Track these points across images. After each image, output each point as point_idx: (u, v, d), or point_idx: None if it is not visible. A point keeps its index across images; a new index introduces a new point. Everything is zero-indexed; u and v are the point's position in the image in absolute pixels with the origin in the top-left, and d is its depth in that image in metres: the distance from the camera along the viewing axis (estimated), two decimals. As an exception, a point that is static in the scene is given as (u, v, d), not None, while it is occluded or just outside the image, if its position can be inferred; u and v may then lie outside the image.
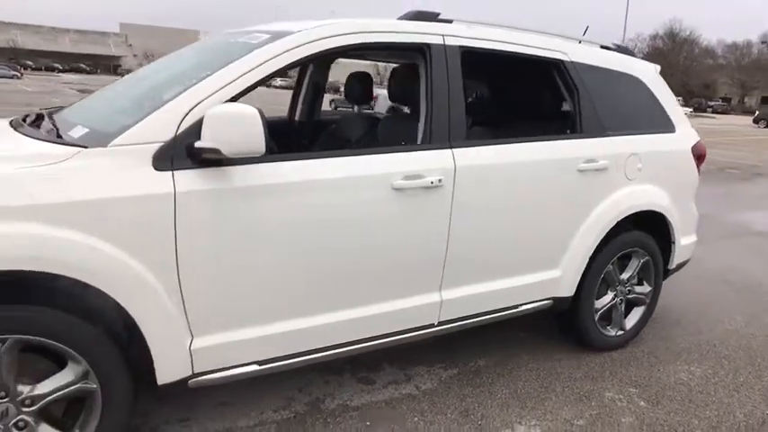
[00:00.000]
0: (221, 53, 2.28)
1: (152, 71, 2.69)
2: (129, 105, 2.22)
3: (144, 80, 2.56)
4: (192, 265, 1.92)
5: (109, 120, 2.07)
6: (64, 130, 2.01)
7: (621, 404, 2.73)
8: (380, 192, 2.24)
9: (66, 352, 1.79)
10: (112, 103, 2.42)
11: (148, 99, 2.13)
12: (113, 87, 2.71)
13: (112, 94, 2.59)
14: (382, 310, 2.38)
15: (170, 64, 2.61)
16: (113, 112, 2.21)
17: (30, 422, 1.80)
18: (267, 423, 2.41)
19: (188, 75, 2.19)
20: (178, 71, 2.37)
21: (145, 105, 2.03)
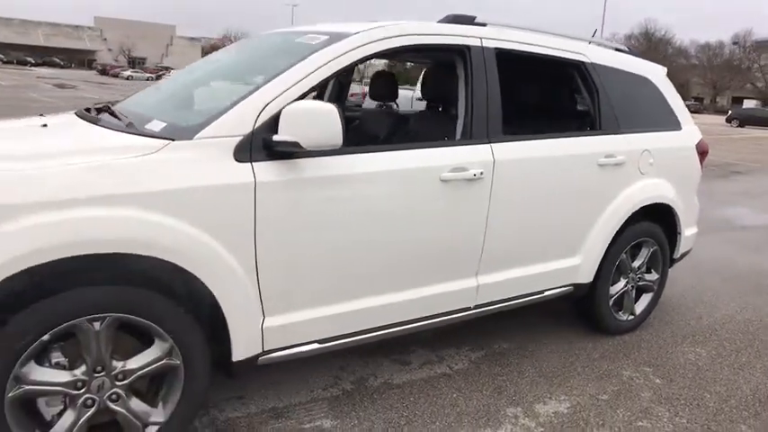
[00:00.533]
0: (282, 53, 2.43)
1: (206, 68, 2.82)
2: (198, 100, 2.36)
3: (201, 76, 2.69)
4: (268, 249, 2.07)
5: (183, 114, 2.21)
6: (141, 124, 2.14)
7: (639, 381, 2.96)
8: (430, 183, 2.42)
9: (154, 330, 1.93)
10: (178, 98, 2.55)
11: (217, 95, 2.27)
12: (169, 82, 2.83)
13: (171, 89, 2.72)
14: (428, 293, 2.56)
15: (224, 62, 2.74)
16: (184, 107, 2.35)
17: (122, 395, 1.94)
18: (319, 400, 2.58)
19: (249, 73, 2.34)
20: (238, 69, 2.51)
21: (217, 101, 2.18)
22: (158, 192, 1.85)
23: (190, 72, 2.92)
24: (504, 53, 2.77)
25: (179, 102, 2.50)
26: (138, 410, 1.98)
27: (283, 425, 2.37)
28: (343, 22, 2.70)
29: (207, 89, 2.47)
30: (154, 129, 2.09)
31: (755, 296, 4.37)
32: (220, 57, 2.83)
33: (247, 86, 2.21)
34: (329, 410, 2.50)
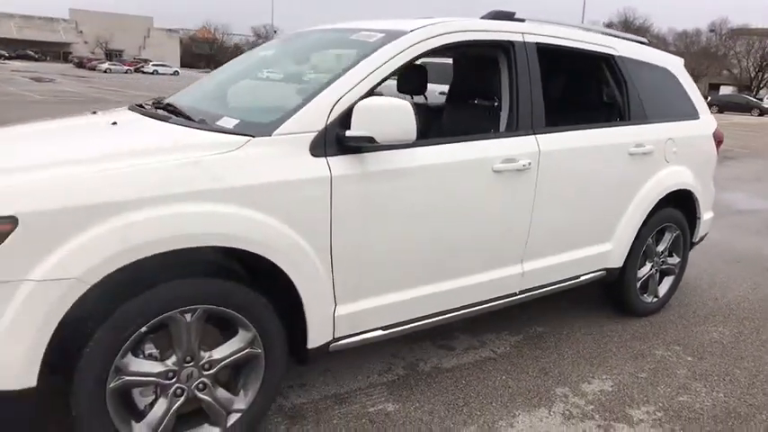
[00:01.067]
0: (339, 50, 2.49)
1: (256, 64, 2.87)
2: (262, 97, 2.41)
3: (253, 72, 2.74)
4: (341, 239, 2.15)
5: (253, 111, 2.27)
6: (213, 120, 2.20)
7: (672, 359, 3.10)
8: (484, 174, 2.52)
9: (239, 320, 2.01)
10: (239, 94, 2.61)
11: (281, 91, 2.33)
12: (218, 78, 2.88)
13: (225, 84, 2.77)
14: (480, 279, 2.66)
15: (275, 58, 2.79)
16: (251, 104, 2.40)
17: (208, 384, 2.01)
18: (377, 385, 2.67)
19: (308, 69, 2.40)
20: (294, 65, 2.57)
21: (284, 97, 2.24)
22: (246, 187, 1.92)
23: (239, 67, 2.96)
24: (542, 47, 2.87)
25: (243, 98, 2.55)
26: (223, 399, 2.06)
27: (348, 410, 2.46)
28: (381, 19, 2.78)
29: (267, 85, 2.52)
30: (227, 125, 2.14)
31: (764, 277, 4.56)
32: (268, 53, 2.88)
33: (310, 83, 2.28)
34: (389, 395, 2.60)
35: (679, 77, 3.69)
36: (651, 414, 2.57)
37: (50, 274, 1.63)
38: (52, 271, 1.63)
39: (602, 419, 2.51)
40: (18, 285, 1.62)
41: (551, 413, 2.53)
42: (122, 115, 2.48)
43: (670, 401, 2.69)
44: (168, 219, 1.77)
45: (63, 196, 1.66)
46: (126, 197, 1.73)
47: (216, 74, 3.03)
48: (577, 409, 2.57)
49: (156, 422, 1.93)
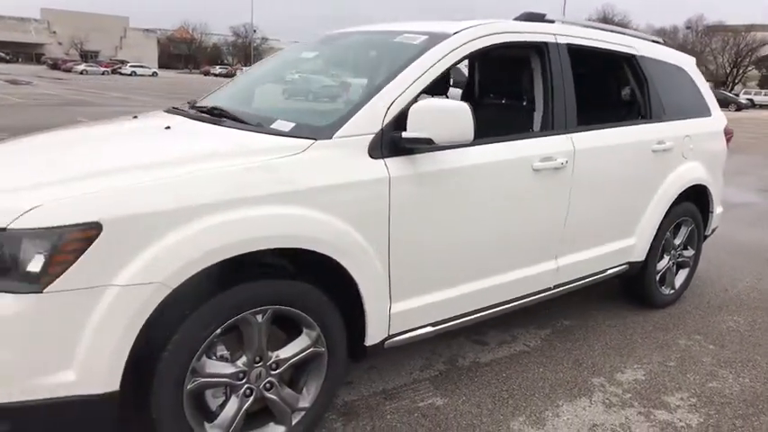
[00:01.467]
0: (384, 53, 2.54)
1: (296, 66, 2.90)
2: (314, 99, 2.45)
3: (296, 74, 2.78)
4: (398, 239, 2.20)
5: (309, 113, 2.31)
6: (267, 123, 2.23)
7: (696, 348, 3.21)
8: (525, 172, 2.59)
9: (304, 320, 2.05)
10: (289, 96, 2.64)
11: (330, 93, 2.37)
12: (260, 80, 2.91)
13: (267, 87, 2.80)
14: (520, 275, 2.74)
15: (316, 61, 2.83)
16: (304, 106, 2.44)
17: (275, 383, 2.04)
18: (422, 380, 2.73)
19: (354, 71, 2.45)
20: (338, 68, 2.61)
21: (336, 100, 2.29)
22: (312, 189, 1.96)
23: (277, 69, 2.99)
24: (572, 48, 2.95)
25: (292, 101, 2.59)
26: (288, 397, 2.10)
27: (399, 405, 2.52)
28: (418, 21, 2.83)
29: (315, 87, 2.56)
30: (283, 128, 2.18)
31: (767, 268, 4.72)
32: (310, 55, 2.92)
33: (360, 86, 2.32)
34: (435, 389, 2.65)
35: (692, 76, 3.80)
36: (686, 400, 2.67)
37: (134, 278, 1.65)
38: (136, 276, 1.65)
39: (641, 407, 2.60)
40: (103, 291, 1.64)
41: (592, 402, 2.62)
42: (168, 119, 2.49)
43: (701, 388, 2.79)
44: (244, 222, 1.81)
45: (144, 202, 1.68)
46: (203, 201, 1.76)
47: (252, 75, 3.05)
48: (616, 398, 2.66)
49: (228, 422, 1.96)
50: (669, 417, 2.53)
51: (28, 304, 1.59)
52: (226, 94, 2.92)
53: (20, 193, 1.67)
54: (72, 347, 1.64)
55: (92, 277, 1.62)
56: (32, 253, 1.59)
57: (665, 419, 2.51)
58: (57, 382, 1.64)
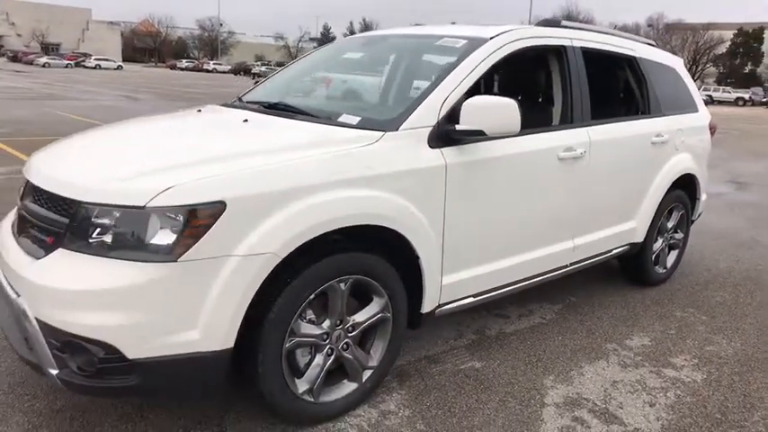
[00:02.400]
0: (428, 54, 2.84)
1: (343, 65, 3.18)
2: (370, 95, 2.73)
3: (345, 72, 3.06)
4: (450, 218, 2.51)
5: (372, 108, 2.60)
6: (335, 117, 2.51)
7: (691, 319, 3.62)
8: (552, 161, 2.93)
9: (376, 288, 2.34)
10: (345, 92, 2.91)
11: (389, 91, 2.67)
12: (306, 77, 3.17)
13: (317, 83, 3.07)
14: (545, 252, 3.08)
15: (365, 60, 3.12)
16: (364, 102, 2.72)
17: (351, 344, 2.33)
18: (457, 348, 3.05)
19: (403, 71, 2.74)
20: (386, 67, 2.90)
21: (393, 96, 2.58)
22: (387, 174, 2.25)
23: (322, 67, 3.26)
24: (585, 50, 3.30)
25: (351, 96, 2.86)
26: (361, 357, 2.39)
27: (443, 368, 2.83)
28: (447, 25, 3.14)
29: (369, 85, 2.84)
30: (351, 122, 2.46)
31: (743, 250, 5.21)
32: (355, 56, 3.19)
33: (413, 84, 2.62)
34: (471, 355, 2.98)
35: (682, 75, 4.21)
36: (689, 361, 3.06)
37: (252, 249, 1.92)
38: (253, 247, 1.92)
39: (652, 366, 2.97)
40: (226, 260, 1.90)
41: (609, 363, 2.98)
42: (237, 113, 2.74)
43: (700, 351, 3.19)
44: (337, 202, 2.09)
45: (260, 183, 1.95)
46: (307, 183, 2.03)
47: (293, 73, 3.31)
48: (629, 360, 3.03)
49: (314, 378, 2.24)
50: (677, 374, 2.91)
51: (164, 272, 1.84)
52: (274, 90, 3.17)
53: (153, 176, 1.92)
54: (198, 310, 1.90)
55: (217, 248, 1.88)
56: (168, 227, 1.84)
57: (674, 376, 2.89)
58: (183, 340, 1.90)
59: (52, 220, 2.03)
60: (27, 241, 2.14)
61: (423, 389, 2.63)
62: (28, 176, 2.25)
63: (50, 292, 1.90)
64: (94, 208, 1.91)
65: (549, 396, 2.64)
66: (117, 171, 2.01)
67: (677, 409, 2.60)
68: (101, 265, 1.87)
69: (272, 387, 2.11)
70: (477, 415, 2.45)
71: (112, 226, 1.89)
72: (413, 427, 2.34)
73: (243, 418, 2.33)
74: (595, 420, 2.47)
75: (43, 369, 2.00)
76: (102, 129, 2.86)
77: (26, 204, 2.21)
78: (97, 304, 1.85)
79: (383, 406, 2.48)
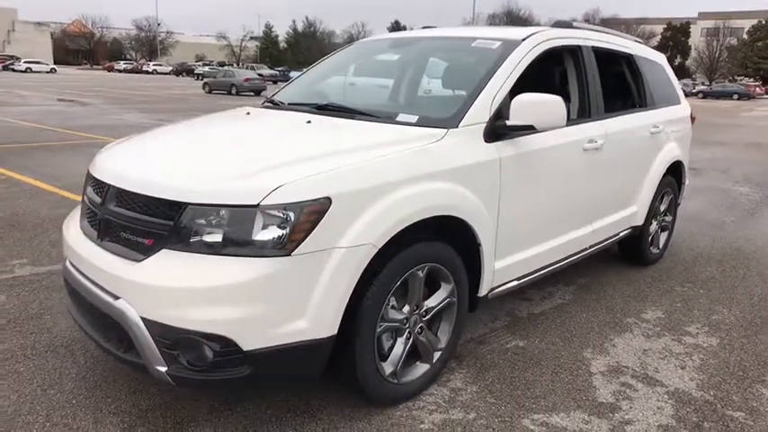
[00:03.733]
0: (467, 56, 3.04)
1: (383, 66, 3.32)
2: (421, 94, 2.90)
3: (387, 73, 3.21)
4: (504, 206, 2.72)
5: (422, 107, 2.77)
6: (393, 117, 2.67)
7: (691, 293, 3.98)
8: (579, 152, 3.19)
9: (444, 275, 2.52)
10: (396, 92, 3.07)
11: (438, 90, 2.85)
12: (341, 78, 3.30)
13: (357, 84, 3.21)
14: (572, 236, 3.34)
15: (404, 61, 3.28)
16: (415, 100, 2.89)
17: (425, 328, 2.51)
18: (497, 329, 3.27)
19: (446, 71, 2.93)
20: (428, 67, 3.08)
21: (444, 94, 2.76)
22: (454, 168, 2.44)
23: (359, 68, 3.41)
24: (595, 49, 3.58)
25: (400, 96, 3.02)
26: (432, 340, 2.56)
27: (491, 347, 3.04)
28: (476, 27, 3.34)
29: (414, 84, 3.01)
30: (409, 120, 2.63)
31: (715, 230, 5.69)
32: (393, 57, 3.35)
33: (459, 84, 2.81)
34: (511, 335, 3.20)
35: (666, 69, 4.59)
36: (701, 328, 3.39)
37: (354, 241, 2.06)
38: (356, 239, 2.06)
39: (672, 335, 3.29)
40: (331, 252, 2.03)
41: (635, 335, 3.27)
42: (294, 115, 2.86)
43: (708, 320, 3.53)
44: (420, 194, 2.26)
45: (358, 179, 2.10)
46: (396, 179, 2.19)
47: (324, 74, 3.44)
48: (650, 331, 3.33)
49: (396, 360, 2.40)
50: (695, 340, 3.23)
51: (278, 266, 1.96)
52: (310, 92, 3.29)
53: (259, 176, 2.02)
54: (306, 300, 2.02)
55: (324, 242, 2.02)
56: (280, 224, 1.96)
57: (693, 342, 3.21)
58: (293, 329, 2.02)
59: (150, 222, 2.10)
60: (115, 245, 2.20)
61: (480, 367, 2.83)
62: (110, 181, 2.29)
63: (162, 291, 1.98)
64: (203, 209, 2.00)
65: (593, 366, 2.89)
66: (220, 173, 2.10)
67: (705, 369, 2.90)
68: (213, 263, 1.97)
69: (366, 370, 2.25)
70: (537, 386, 2.67)
71: (223, 225, 1.99)
72: (484, 400, 2.54)
73: (327, 404, 2.46)
74: (640, 384, 2.73)
75: (148, 367, 2.08)
76: (165, 130, 2.92)
77: (110, 209, 2.25)
78: (214, 300, 1.95)
79: (450, 384, 2.67)
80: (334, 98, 3.08)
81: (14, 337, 2.97)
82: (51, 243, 4.48)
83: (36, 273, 3.86)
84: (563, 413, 2.47)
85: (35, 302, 3.40)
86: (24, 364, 2.70)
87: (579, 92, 3.43)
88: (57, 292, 3.53)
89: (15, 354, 2.80)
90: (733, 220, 6.16)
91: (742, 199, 7.34)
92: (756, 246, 5.17)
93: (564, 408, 2.51)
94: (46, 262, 4.08)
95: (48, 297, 3.48)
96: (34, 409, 2.37)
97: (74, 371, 2.66)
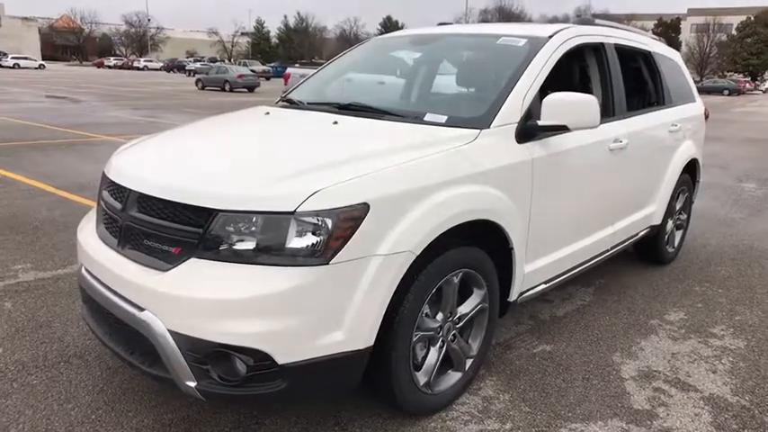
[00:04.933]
0: (492, 54, 2.96)
1: (406, 64, 3.23)
2: (447, 93, 2.81)
3: (413, 72, 3.13)
4: (535, 209, 2.64)
5: (451, 106, 2.69)
6: (421, 117, 2.58)
7: (710, 293, 3.93)
8: (605, 151, 3.11)
9: (477, 280, 2.44)
10: (423, 91, 2.98)
11: (462, 89, 2.76)
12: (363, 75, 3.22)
13: (380, 83, 3.11)
14: (596, 238, 3.27)
15: (428, 59, 3.20)
16: (441, 99, 2.80)
17: (457, 336, 2.42)
18: (522, 333, 3.19)
19: (470, 70, 2.85)
20: (453, 66, 2.99)
21: (472, 93, 2.68)
22: (490, 170, 2.35)
23: (380, 66, 3.31)
24: (617, 46, 3.50)
25: (425, 95, 2.93)
26: (464, 347, 2.48)
27: (518, 353, 2.97)
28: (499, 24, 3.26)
29: (442, 83, 2.92)
30: (438, 120, 2.54)
31: (725, 227, 5.65)
32: (415, 55, 3.25)
33: (487, 82, 2.72)
34: (537, 339, 3.13)
35: (681, 67, 4.52)
36: (726, 330, 3.34)
37: (393, 248, 1.97)
38: (394, 246, 1.97)
39: (698, 337, 3.23)
40: (370, 260, 1.94)
41: (661, 338, 3.21)
42: (318, 115, 2.76)
43: (731, 321, 3.48)
44: (457, 198, 2.17)
45: (395, 184, 2.00)
46: (433, 182, 2.10)
47: (341, 71, 3.34)
48: (675, 333, 3.27)
49: (430, 369, 2.32)
50: (722, 343, 3.17)
51: (316, 275, 1.87)
52: (329, 90, 3.19)
53: (294, 181, 1.93)
54: (344, 310, 1.93)
55: (363, 249, 1.92)
56: (317, 231, 1.87)
57: (720, 345, 3.15)
58: (330, 341, 1.93)
59: (176, 229, 2.00)
60: (138, 253, 2.10)
61: (510, 374, 2.75)
62: (131, 186, 2.18)
63: (192, 302, 1.88)
64: (235, 215, 1.90)
65: (623, 371, 2.82)
66: (252, 178, 2.00)
67: (736, 373, 2.85)
68: (247, 273, 1.87)
69: (401, 382, 2.17)
70: (570, 394, 2.60)
71: (256, 232, 1.89)
72: (519, 410, 2.46)
73: (359, 416, 2.37)
74: (674, 389, 2.67)
75: (176, 382, 1.98)
76: (182, 131, 2.81)
77: (132, 215, 2.15)
78: (248, 312, 1.85)
79: (482, 392, 2.59)
80: (357, 97, 2.97)
81: (24, 347, 2.86)
82: (54, 246, 4.36)
83: (41, 278, 3.74)
84: (600, 422, 2.40)
85: (43, 309, 3.28)
86: (37, 377, 2.59)
87: (603, 90, 3.35)
88: (64, 298, 3.42)
89: (27, 365, 2.69)
90: (741, 216, 6.13)
91: (746, 195, 7.32)
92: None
93: (600, 416, 2.44)
94: (50, 266, 3.95)
95: (55, 303, 3.36)
96: (52, 425, 2.26)
97: (90, 383, 2.55)
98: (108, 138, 10.38)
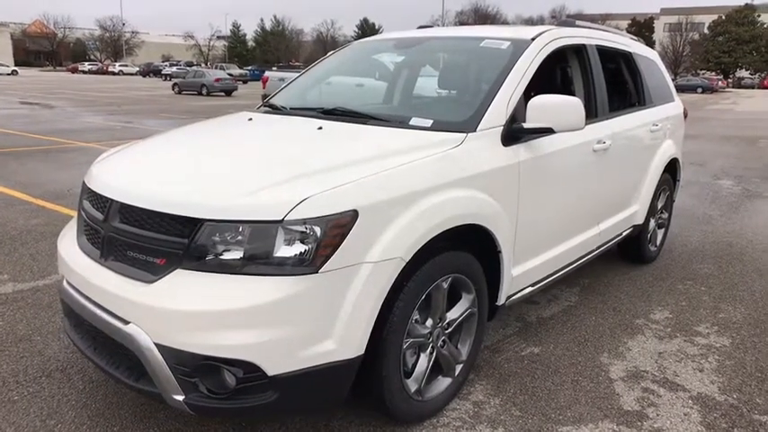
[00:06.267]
0: (475, 57, 2.95)
1: (388, 68, 3.21)
2: (429, 97, 2.79)
3: (396, 75, 3.10)
4: (522, 212, 2.64)
5: (433, 110, 2.67)
6: (406, 121, 2.56)
7: (693, 290, 3.97)
8: (589, 153, 3.13)
9: (466, 285, 2.43)
10: (407, 95, 2.95)
11: (444, 92, 2.74)
12: (345, 79, 3.18)
13: (363, 86, 3.09)
14: (582, 239, 3.28)
15: (411, 63, 3.18)
16: (424, 103, 2.78)
17: (447, 341, 2.41)
18: (509, 336, 3.19)
19: (453, 72, 2.84)
20: (436, 69, 2.97)
21: (455, 98, 2.67)
22: (477, 174, 2.34)
23: (358, 69, 3.29)
24: (598, 48, 3.53)
25: (408, 99, 2.91)
26: (453, 352, 2.47)
27: (507, 356, 2.96)
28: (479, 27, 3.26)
29: (425, 86, 2.90)
30: (423, 124, 2.52)
31: (706, 225, 5.73)
32: (398, 59, 3.23)
33: (472, 85, 2.72)
34: (524, 342, 3.13)
35: (660, 67, 4.58)
36: (710, 328, 3.38)
37: (383, 255, 1.95)
38: (384, 252, 1.95)
39: (683, 336, 3.26)
40: (359, 268, 1.92)
41: (647, 337, 3.23)
42: (301, 120, 2.72)
43: (715, 318, 3.52)
44: (446, 203, 2.16)
45: (385, 189, 1.98)
46: (421, 187, 2.08)
47: (324, 75, 3.30)
48: (661, 332, 3.30)
49: (420, 376, 2.30)
50: (707, 341, 3.21)
51: (305, 284, 1.84)
52: (312, 95, 3.15)
53: (280, 189, 1.89)
54: (334, 319, 1.90)
55: (352, 256, 1.90)
56: (306, 239, 1.84)
57: (706, 343, 3.18)
58: (320, 351, 1.90)
59: (161, 240, 1.95)
60: (121, 265, 2.05)
61: (499, 377, 2.75)
62: (113, 196, 2.13)
63: (178, 315, 1.84)
64: (221, 225, 1.87)
65: (611, 372, 2.84)
66: (237, 186, 1.96)
67: (723, 371, 2.88)
68: (234, 283, 1.84)
69: (392, 390, 2.15)
70: (560, 396, 2.60)
71: (243, 242, 1.86)
72: (510, 414, 2.46)
73: (348, 424, 2.34)
74: (662, 389, 2.69)
75: (164, 396, 1.94)
76: (164, 138, 2.75)
77: (114, 226, 2.09)
78: (236, 323, 1.82)
79: (472, 397, 2.58)
80: (341, 102, 2.95)
81: (3, 361, 2.77)
82: (32, 256, 4.25)
83: (19, 290, 3.64)
84: (591, 424, 2.41)
85: (22, 322, 3.19)
86: (18, 392, 2.52)
87: (586, 92, 3.37)
88: (44, 311, 3.33)
89: (6, 380, 2.61)
90: (719, 214, 6.23)
91: (723, 192, 7.45)
92: (747, 240, 5.22)
93: (591, 418, 2.45)
94: (28, 277, 3.85)
95: (35, 316, 3.27)
96: (34, 443, 2.19)
97: (73, 397, 2.49)
98: (84, 144, 10.20)
